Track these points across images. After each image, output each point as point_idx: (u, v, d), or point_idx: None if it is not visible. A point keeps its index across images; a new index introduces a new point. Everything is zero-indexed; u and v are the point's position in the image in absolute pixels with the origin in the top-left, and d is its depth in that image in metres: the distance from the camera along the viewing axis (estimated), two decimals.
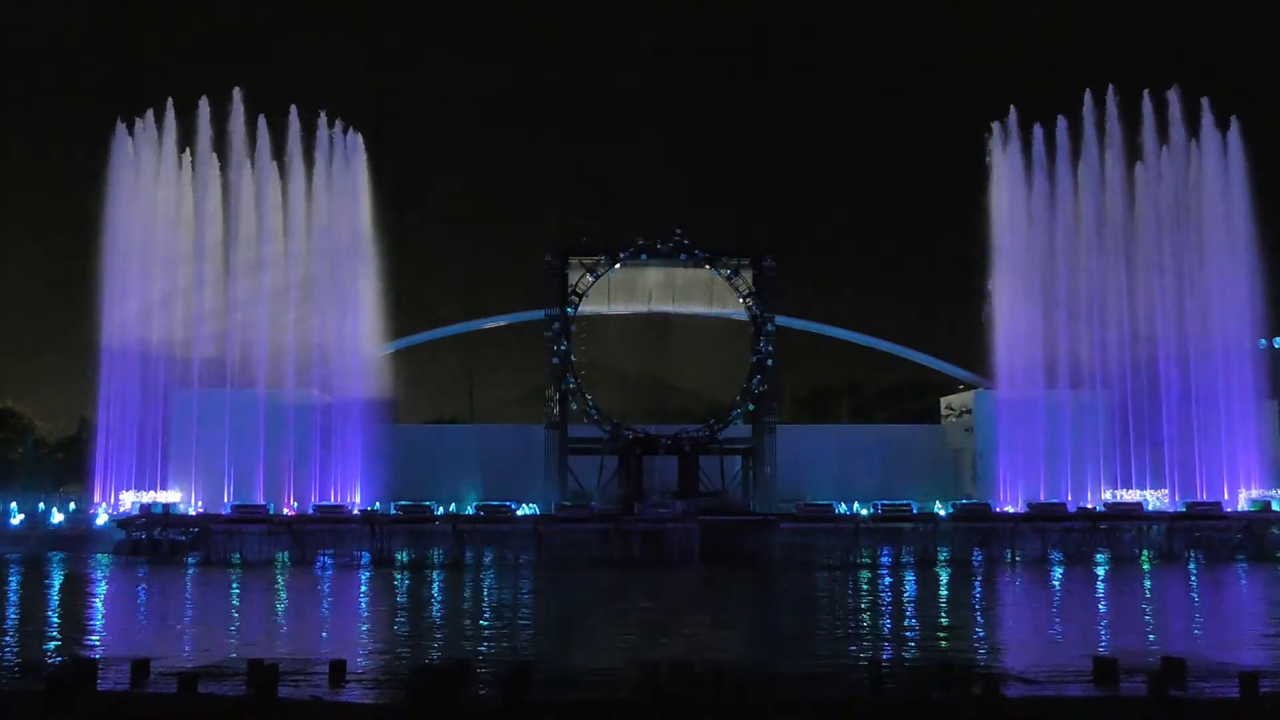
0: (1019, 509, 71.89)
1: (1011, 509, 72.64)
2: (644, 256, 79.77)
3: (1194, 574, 58.92)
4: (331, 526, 67.25)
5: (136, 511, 69.10)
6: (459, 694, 21.91)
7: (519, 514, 69.03)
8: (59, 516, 72.37)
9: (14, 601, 45.88)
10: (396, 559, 65.34)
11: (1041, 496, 72.92)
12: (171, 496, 71.40)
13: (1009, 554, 66.14)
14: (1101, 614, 42.87)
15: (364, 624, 40.28)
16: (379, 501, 71.52)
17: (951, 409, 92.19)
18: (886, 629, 38.17)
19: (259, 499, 70.50)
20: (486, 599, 48.99)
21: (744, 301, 79.24)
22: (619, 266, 79.53)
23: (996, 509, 72.29)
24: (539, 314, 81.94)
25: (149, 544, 66.05)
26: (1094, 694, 23.62)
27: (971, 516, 69.10)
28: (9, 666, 28.61)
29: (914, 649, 33.04)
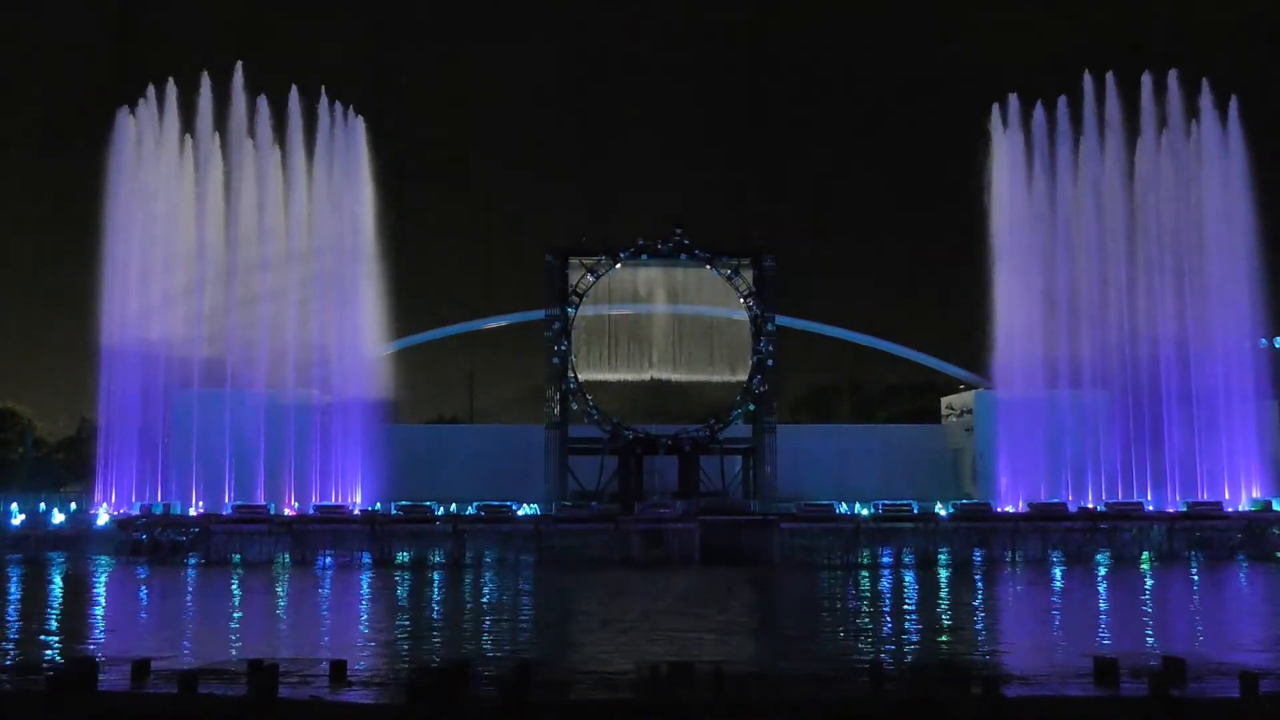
0: (1019, 509, 71.89)
1: (1011, 509, 72.66)
2: (644, 256, 79.77)
3: (1194, 574, 58.95)
4: (332, 527, 67.24)
5: (137, 512, 69.10)
6: (459, 694, 21.93)
7: (519, 514, 69.03)
8: (59, 517, 72.38)
9: (14, 601, 45.89)
10: (397, 559, 65.38)
11: (1042, 496, 72.92)
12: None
13: (1009, 554, 66.16)
14: (1102, 614, 42.88)
15: (364, 624, 40.29)
16: (379, 502, 71.49)
17: (951, 409, 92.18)
18: (887, 629, 38.18)
19: (260, 499, 70.53)
20: (486, 599, 49.01)
21: (744, 301, 79.23)
22: (619, 266, 79.50)
23: (996, 509, 72.29)
24: (539, 314, 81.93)
25: (149, 544, 66.06)
26: (1094, 694, 23.63)
27: (972, 516, 69.09)
28: (9, 666, 28.61)
29: (914, 649, 33.06)
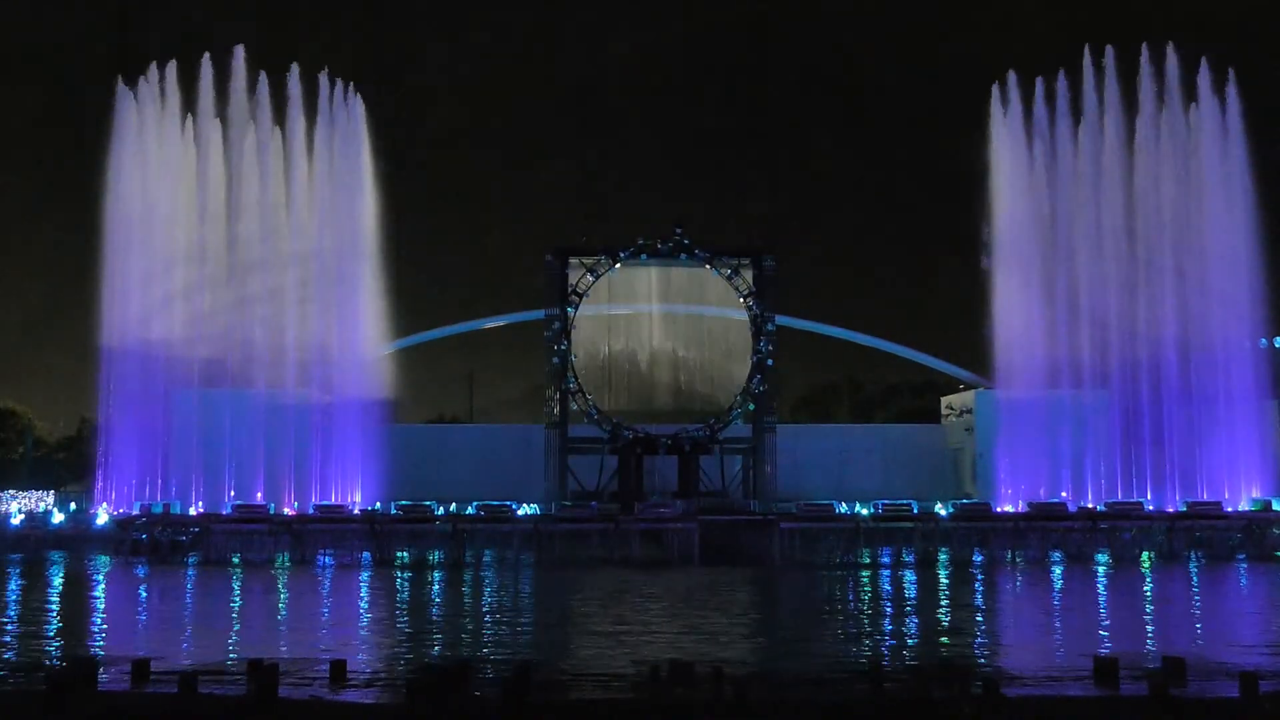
0: (1019, 509, 71.89)
1: (1011, 509, 72.66)
2: (644, 256, 79.76)
3: (1194, 574, 58.96)
4: (332, 526, 67.25)
5: (137, 511, 69.11)
6: (459, 694, 21.93)
7: (519, 514, 69.04)
8: (59, 516, 72.39)
9: (14, 601, 45.90)
10: (397, 559, 65.40)
11: (1042, 496, 72.93)
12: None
13: (1009, 554, 66.16)
14: (1102, 614, 42.88)
15: (364, 624, 40.29)
16: (379, 501, 71.50)
17: (951, 409, 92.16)
18: (887, 629, 38.19)
19: (259, 499, 70.52)
20: (486, 599, 49.02)
21: (744, 301, 79.21)
22: (619, 266, 79.48)
23: (996, 509, 72.28)
24: (539, 314, 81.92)
25: (149, 544, 66.06)
26: (1094, 694, 23.63)
27: (971, 516, 69.09)
28: (9, 666, 28.61)
29: (914, 649, 33.07)
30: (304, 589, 52.85)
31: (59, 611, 42.68)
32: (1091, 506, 72.24)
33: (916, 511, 68.92)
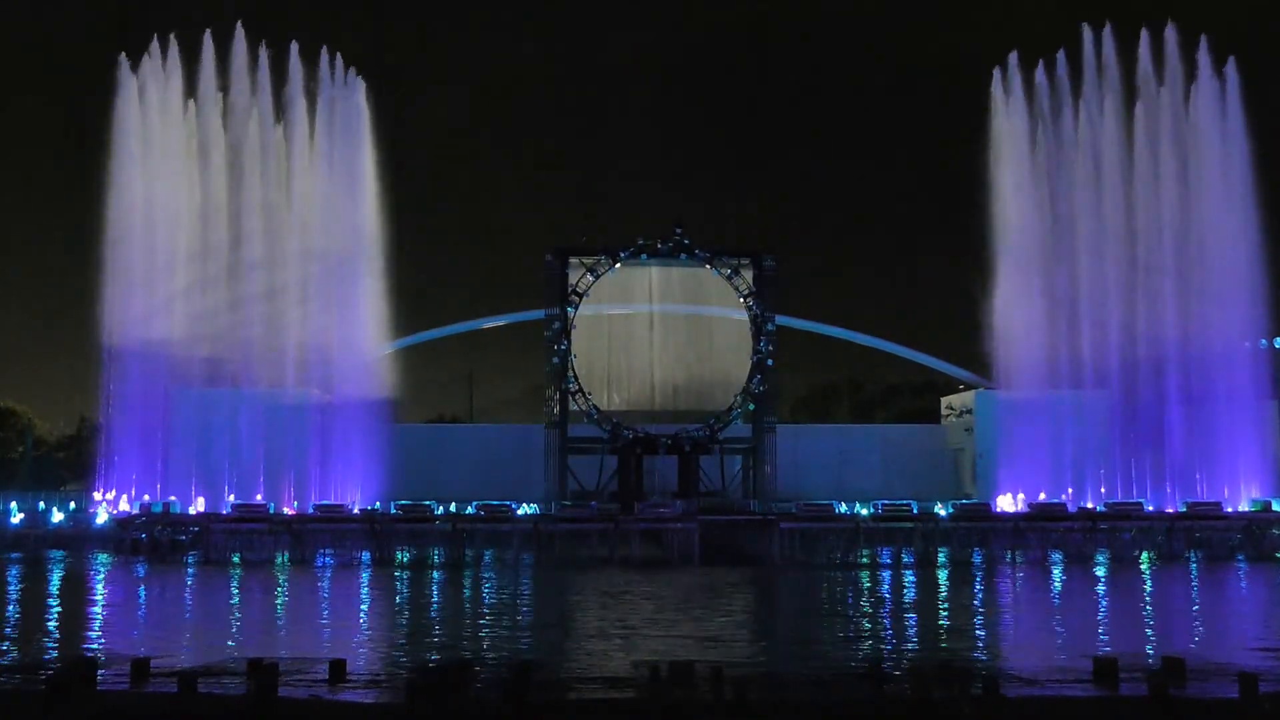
0: (1019, 509, 71.86)
1: (1010, 507, 72.63)
2: (644, 256, 79.73)
3: (1194, 574, 58.96)
4: (332, 526, 67.24)
5: (136, 511, 69.12)
6: (459, 694, 21.91)
7: (519, 513, 69.04)
8: (59, 516, 72.36)
9: (14, 601, 45.89)
10: (396, 558, 65.38)
11: (1042, 496, 72.92)
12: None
13: (1009, 554, 66.16)
14: (1101, 614, 42.88)
15: (364, 624, 40.29)
16: (379, 501, 71.49)
17: (951, 409, 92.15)
18: (887, 629, 38.19)
19: (259, 498, 70.51)
20: (486, 599, 49.01)
21: (744, 301, 79.19)
22: (619, 266, 79.44)
23: (995, 509, 72.26)
24: (539, 314, 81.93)
25: (149, 543, 66.06)
26: (1094, 694, 23.61)
27: (971, 516, 69.09)
28: (9, 666, 28.60)
29: (914, 649, 33.06)
30: (304, 588, 52.84)
31: (59, 611, 42.66)
32: (1091, 507, 72.25)
33: (916, 512, 68.93)
